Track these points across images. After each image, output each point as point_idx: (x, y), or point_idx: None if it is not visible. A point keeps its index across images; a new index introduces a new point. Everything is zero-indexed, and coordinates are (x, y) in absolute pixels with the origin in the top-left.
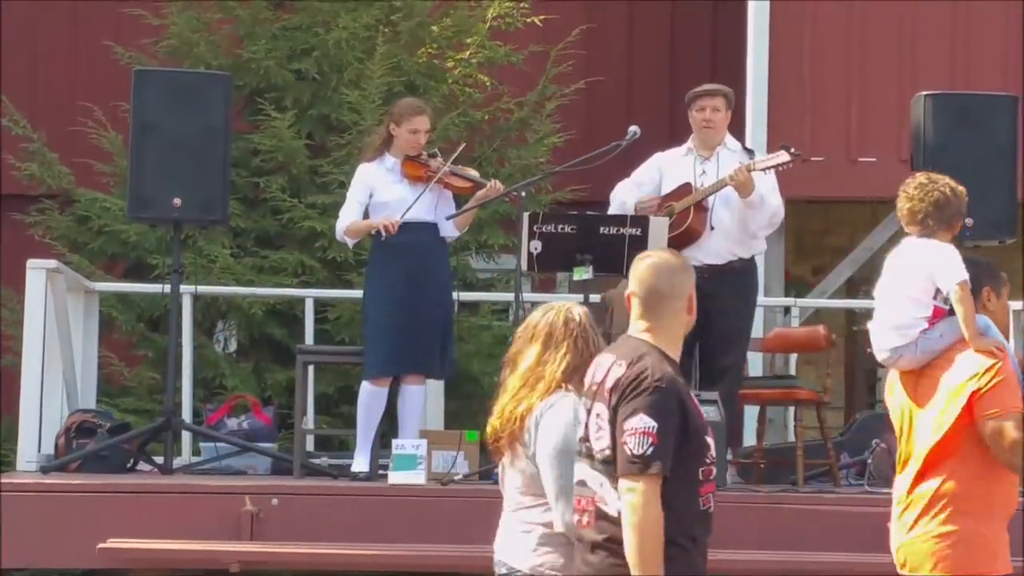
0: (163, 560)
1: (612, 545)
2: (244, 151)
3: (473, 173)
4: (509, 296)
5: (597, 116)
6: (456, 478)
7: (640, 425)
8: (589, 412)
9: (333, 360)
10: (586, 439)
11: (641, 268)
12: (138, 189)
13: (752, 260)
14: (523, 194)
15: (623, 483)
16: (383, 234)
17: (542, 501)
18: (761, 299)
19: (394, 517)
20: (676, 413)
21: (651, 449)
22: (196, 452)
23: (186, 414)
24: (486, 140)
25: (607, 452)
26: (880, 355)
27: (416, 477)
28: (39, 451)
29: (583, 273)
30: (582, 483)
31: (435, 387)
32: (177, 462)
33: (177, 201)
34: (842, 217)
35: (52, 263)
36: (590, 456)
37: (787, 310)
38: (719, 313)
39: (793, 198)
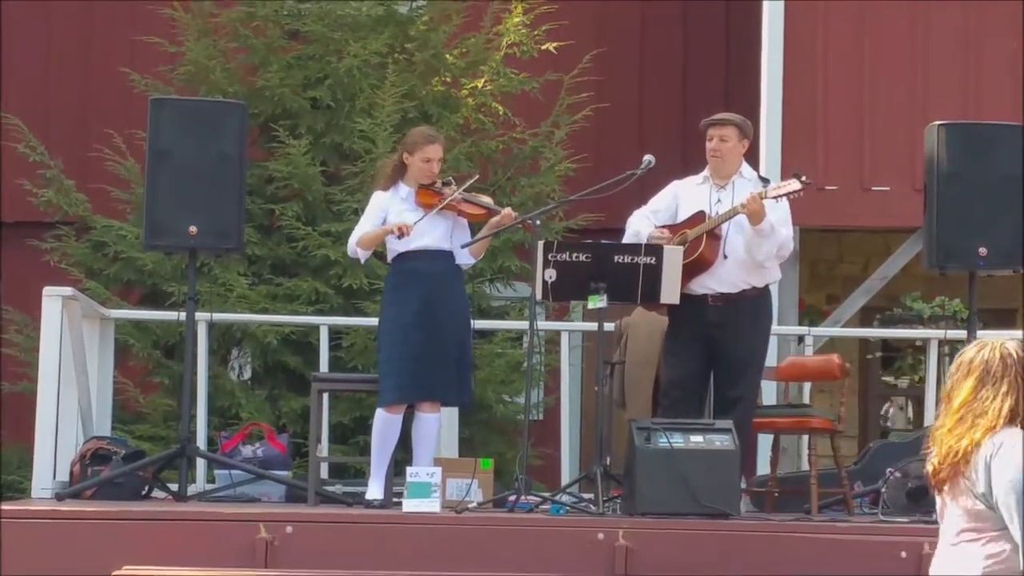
0: None
1: None
2: (259, 179)
3: (487, 200)
4: (523, 324)
5: (609, 142)
6: (470, 506)
7: None
8: None
9: (348, 388)
10: None
11: None
12: (154, 217)
13: (766, 289)
14: (537, 222)
15: None
16: (397, 236)
17: (985, 535)
18: (775, 328)
19: (408, 545)
20: None
21: None
22: (211, 479)
23: (201, 441)
24: (499, 169)
25: None
26: None
27: (430, 505)
28: (54, 478)
29: (597, 301)
30: None
31: (450, 414)
32: (192, 489)
33: (193, 229)
34: (856, 246)
35: (68, 290)
36: None
37: (801, 339)
38: (733, 342)
39: (807, 227)
